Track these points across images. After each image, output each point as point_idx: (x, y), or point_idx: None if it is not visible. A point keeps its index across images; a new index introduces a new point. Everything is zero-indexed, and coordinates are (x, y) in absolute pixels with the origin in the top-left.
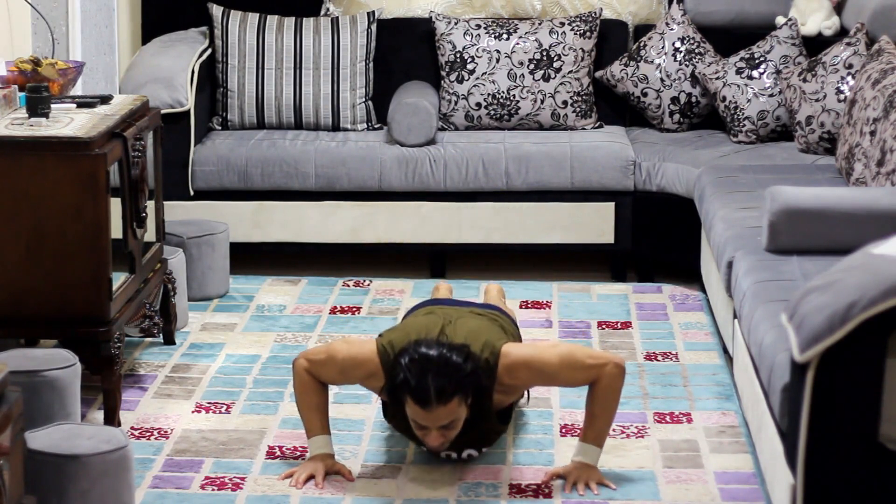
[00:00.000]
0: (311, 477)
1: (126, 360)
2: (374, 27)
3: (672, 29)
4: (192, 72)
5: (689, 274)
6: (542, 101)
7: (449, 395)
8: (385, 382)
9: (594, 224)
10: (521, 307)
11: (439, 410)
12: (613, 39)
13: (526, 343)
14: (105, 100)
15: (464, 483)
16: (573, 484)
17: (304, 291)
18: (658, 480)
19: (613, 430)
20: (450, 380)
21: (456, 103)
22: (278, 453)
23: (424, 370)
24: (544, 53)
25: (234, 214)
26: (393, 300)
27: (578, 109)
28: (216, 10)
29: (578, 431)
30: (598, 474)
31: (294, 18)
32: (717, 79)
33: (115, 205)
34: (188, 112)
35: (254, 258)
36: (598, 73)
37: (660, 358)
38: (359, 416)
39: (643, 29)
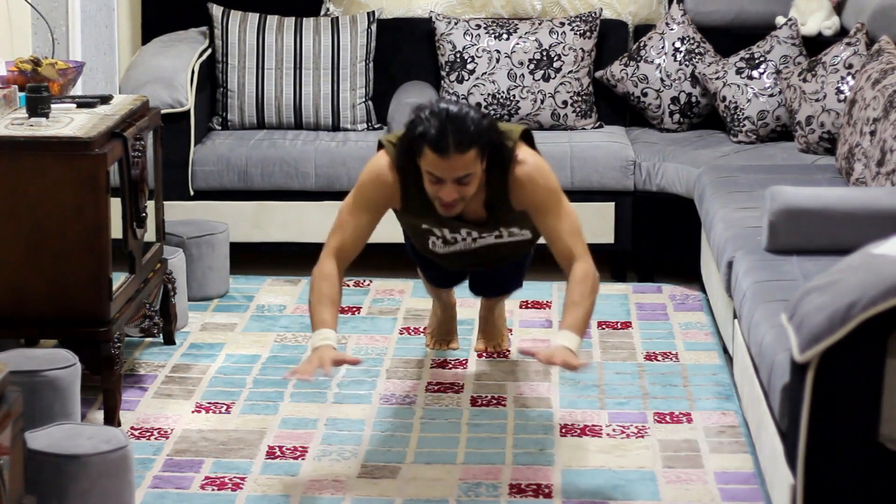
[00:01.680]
0: (316, 368)
1: (126, 360)
2: (374, 27)
3: (672, 29)
4: (192, 72)
5: (689, 274)
6: (542, 101)
7: (467, 144)
8: (398, 144)
9: (594, 224)
10: (521, 307)
11: (456, 159)
12: (613, 39)
13: None
14: (105, 100)
15: (464, 483)
16: (550, 356)
17: (304, 291)
18: (658, 480)
19: (613, 430)
20: (468, 130)
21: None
22: (278, 453)
23: (444, 121)
24: (544, 53)
25: (234, 214)
26: (393, 300)
27: (578, 109)
28: (216, 10)
29: (578, 431)
30: (574, 357)
31: (294, 18)
32: (717, 79)
33: (115, 205)
34: (188, 112)
35: (254, 258)
36: (598, 73)
37: (660, 358)
38: (359, 416)
39: (643, 29)
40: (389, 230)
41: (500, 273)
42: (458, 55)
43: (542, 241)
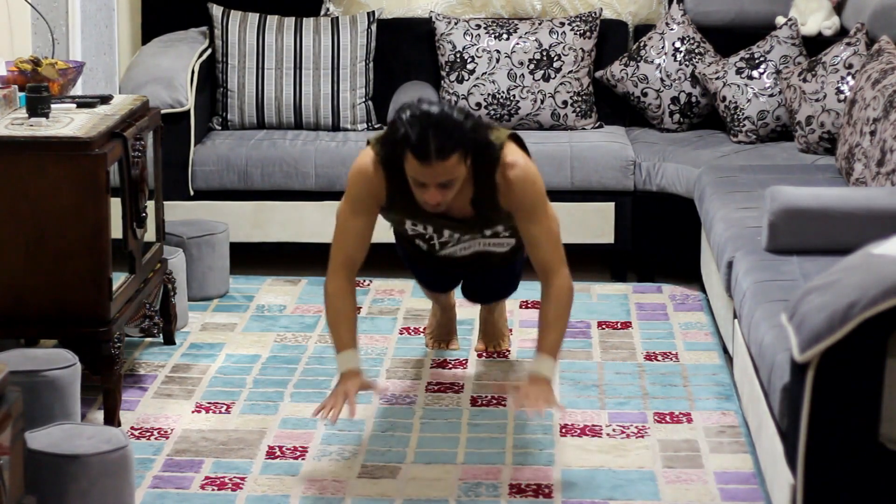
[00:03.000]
0: (342, 405)
1: (126, 360)
2: (374, 27)
3: (672, 29)
4: (192, 72)
5: (689, 274)
6: (542, 101)
7: (448, 150)
8: (383, 142)
9: (594, 224)
10: (521, 307)
11: (438, 166)
12: (613, 39)
13: None
14: (105, 100)
15: (464, 483)
16: (523, 400)
17: (304, 291)
18: (658, 480)
19: (613, 430)
20: (450, 135)
21: (456, 103)
22: (278, 453)
23: (425, 125)
24: (544, 53)
25: (234, 214)
26: (393, 300)
27: (578, 109)
28: (216, 10)
29: (578, 431)
30: (550, 393)
31: (294, 18)
32: (717, 79)
33: (115, 205)
34: (188, 112)
35: (254, 258)
36: (598, 73)
37: (660, 358)
38: (359, 415)
39: (643, 29)
40: (389, 230)
41: (492, 279)
42: (458, 55)
43: None
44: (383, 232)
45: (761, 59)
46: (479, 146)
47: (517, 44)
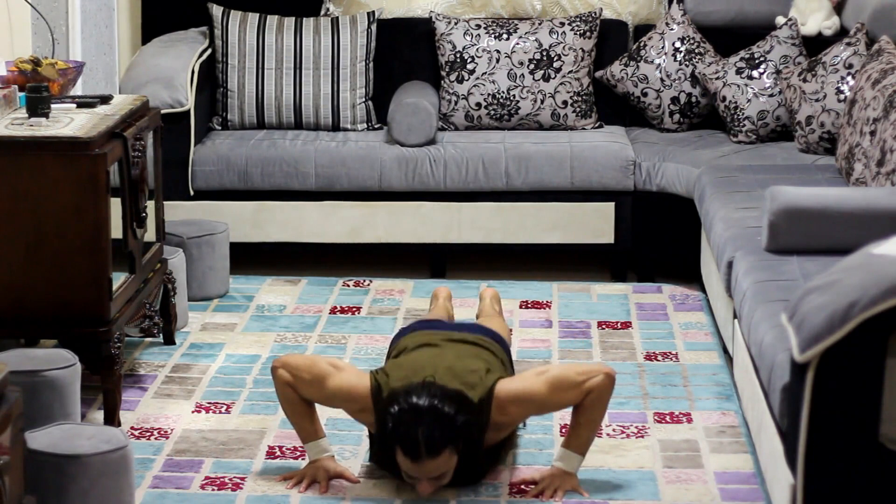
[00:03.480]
0: (313, 482)
1: (126, 360)
2: (374, 27)
3: (672, 29)
4: (192, 72)
5: (689, 274)
6: (542, 101)
7: (439, 448)
8: (375, 426)
9: (594, 224)
10: (521, 307)
11: (429, 463)
12: (613, 39)
13: (516, 376)
14: (105, 100)
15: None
16: (542, 490)
17: (304, 291)
18: (658, 480)
19: (613, 430)
20: (440, 432)
21: (456, 103)
22: (278, 453)
23: (415, 422)
24: (544, 53)
25: (234, 214)
26: (393, 300)
27: (578, 109)
28: (216, 10)
29: None
30: (575, 482)
31: (294, 18)
32: (717, 79)
33: (115, 205)
34: (188, 112)
35: (254, 258)
36: (598, 73)
37: (660, 358)
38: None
39: (643, 29)
40: (389, 230)
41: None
42: (458, 55)
43: (542, 240)
44: (383, 232)
45: (761, 59)
46: (469, 437)
47: (517, 44)
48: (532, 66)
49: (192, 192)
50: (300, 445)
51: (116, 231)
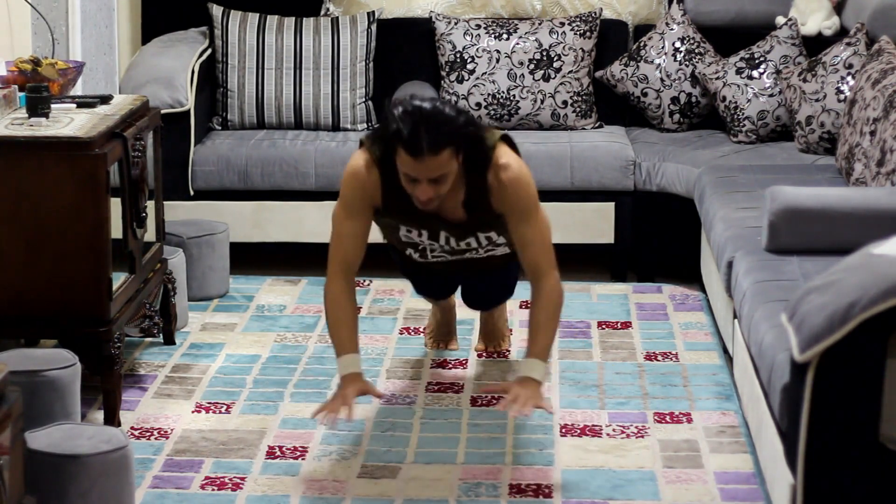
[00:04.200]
0: (339, 410)
1: (126, 360)
2: (374, 27)
3: (672, 29)
4: (192, 72)
5: (689, 274)
6: (542, 101)
7: (440, 145)
8: (376, 140)
9: (594, 224)
10: (521, 307)
11: (430, 160)
12: (613, 39)
13: None
14: (105, 100)
15: (464, 483)
16: (511, 403)
17: (304, 291)
18: (658, 480)
19: (613, 430)
20: (441, 130)
21: (456, 103)
22: (278, 453)
23: (417, 121)
24: (544, 53)
25: (234, 214)
26: (393, 300)
27: (578, 109)
28: (216, 10)
29: (578, 431)
30: (539, 394)
31: (294, 18)
32: (717, 79)
33: (115, 205)
34: (188, 112)
35: (254, 258)
36: (598, 73)
37: (660, 358)
38: (359, 415)
39: (643, 29)
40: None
41: (489, 285)
42: (458, 55)
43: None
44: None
45: (761, 59)
46: (471, 142)
47: (517, 44)
48: (532, 66)
49: (192, 192)
50: (300, 445)
51: (116, 231)
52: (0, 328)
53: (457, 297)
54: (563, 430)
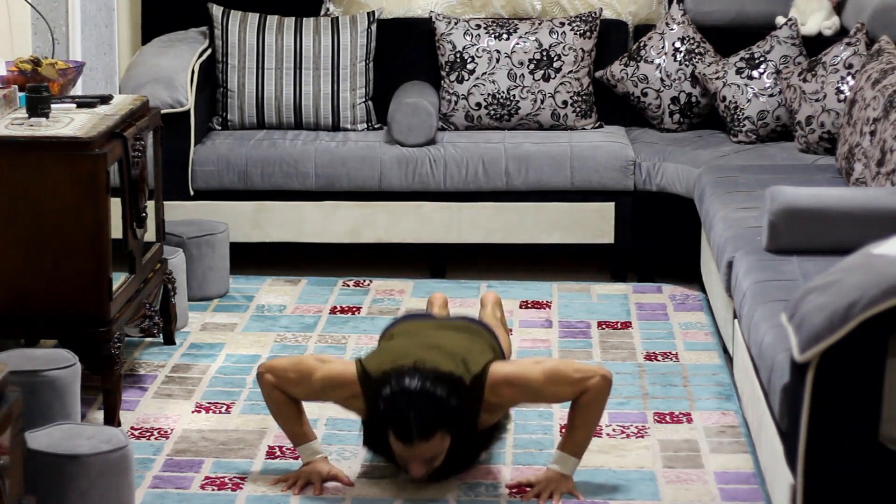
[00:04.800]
0: (307, 484)
1: (126, 360)
2: (374, 27)
3: (672, 29)
4: (192, 72)
5: (689, 274)
6: (542, 101)
7: (431, 430)
8: (366, 411)
9: (594, 224)
10: (521, 307)
11: (421, 446)
12: (613, 39)
13: (511, 360)
14: (105, 100)
15: (464, 483)
16: (538, 493)
17: (304, 291)
18: (658, 480)
19: (613, 430)
20: (433, 415)
21: (456, 103)
22: (278, 453)
23: (406, 405)
24: (544, 53)
25: (234, 214)
26: (393, 300)
27: (578, 109)
28: (216, 10)
29: None
30: (571, 485)
31: (294, 18)
32: (717, 79)
33: (115, 205)
34: (188, 112)
35: (254, 258)
36: (598, 73)
37: (660, 358)
38: (359, 415)
39: (643, 29)
40: (389, 230)
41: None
42: (458, 55)
43: (542, 240)
44: (383, 233)
45: (761, 59)
46: (463, 417)
47: (517, 44)
48: (532, 66)
49: (192, 192)
50: None
51: (116, 231)
52: (0, 328)
53: (456, 299)
54: (563, 430)
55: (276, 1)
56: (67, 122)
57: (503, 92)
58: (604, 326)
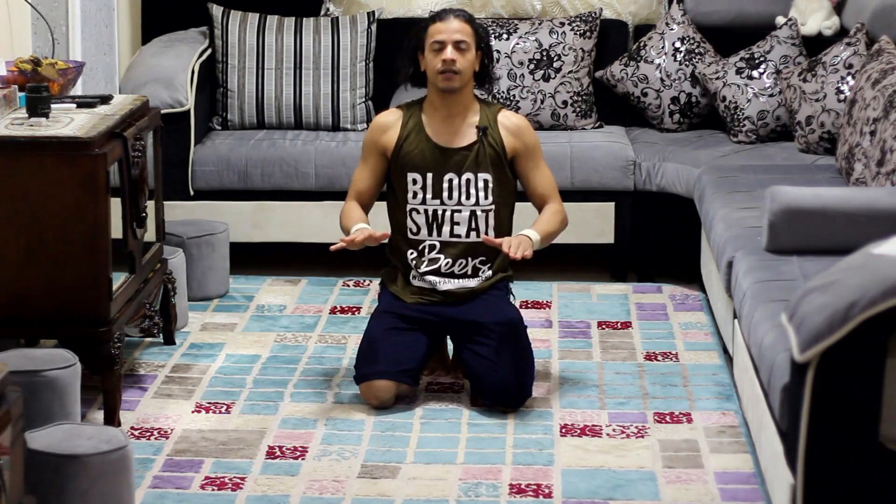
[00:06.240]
0: (366, 238)
1: (126, 360)
2: (374, 27)
3: (672, 29)
4: (192, 72)
5: (689, 274)
6: (542, 101)
7: (465, 17)
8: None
9: (594, 224)
10: (521, 307)
11: (456, 22)
12: (613, 39)
13: None
14: (105, 100)
15: (464, 483)
16: (508, 245)
17: (304, 291)
18: (658, 480)
19: (613, 430)
20: (467, 12)
21: None
22: (278, 453)
23: (446, 7)
24: (544, 53)
25: (234, 214)
26: None
27: (578, 109)
28: (216, 10)
29: (578, 431)
30: (529, 245)
31: (294, 18)
32: (717, 79)
33: (115, 205)
34: (188, 112)
35: (254, 258)
36: (598, 73)
37: (660, 358)
38: (359, 416)
39: (643, 29)
40: (387, 229)
41: (497, 367)
42: None
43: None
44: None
45: (761, 59)
46: (487, 52)
47: (517, 44)
48: (532, 66)
49: (191, 192)
50: (300, 445)
51: (116, 231)
52: (0, 328)
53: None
54: (563, 430)
55: (276, 1)
56: (67, 122)
57: (503, 92)
58: (604, 326)
